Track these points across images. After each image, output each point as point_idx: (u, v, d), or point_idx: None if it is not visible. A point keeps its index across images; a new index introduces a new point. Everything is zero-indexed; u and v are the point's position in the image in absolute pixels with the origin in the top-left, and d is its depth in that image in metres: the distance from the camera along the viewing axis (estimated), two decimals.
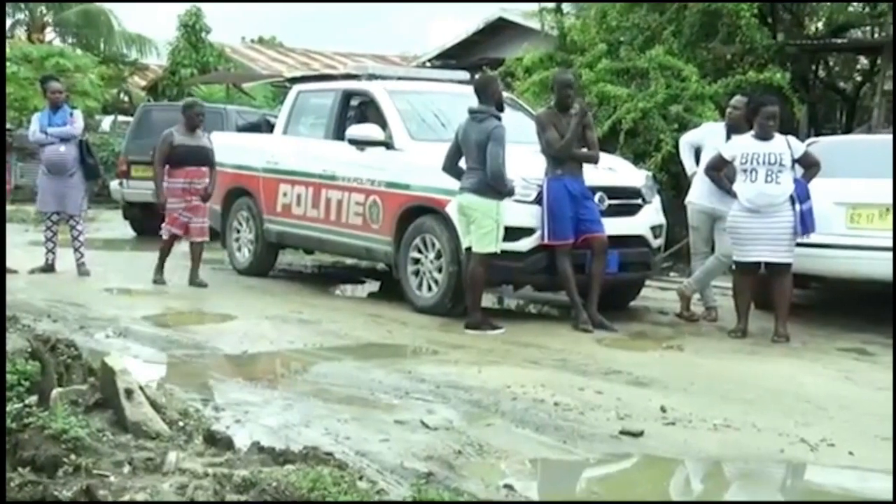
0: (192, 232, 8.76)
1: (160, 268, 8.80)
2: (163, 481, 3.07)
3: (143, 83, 26.47)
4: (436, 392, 5.23)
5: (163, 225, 8.81)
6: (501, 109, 7.10)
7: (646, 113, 10.44)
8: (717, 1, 11.05)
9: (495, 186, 6.89)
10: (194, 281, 8.69)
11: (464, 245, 7.11)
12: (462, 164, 7.10)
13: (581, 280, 7.19)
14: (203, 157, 8.71)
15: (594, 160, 7.39)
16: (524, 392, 5.24)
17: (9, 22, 24.71)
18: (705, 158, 7.62)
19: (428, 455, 4.11)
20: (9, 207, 10.96)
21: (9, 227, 10.53)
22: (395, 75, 9.45)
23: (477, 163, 6.94)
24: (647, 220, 7.78)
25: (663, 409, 4.95)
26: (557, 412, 4.89)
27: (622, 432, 4.57)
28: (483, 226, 6.90)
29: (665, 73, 10.75)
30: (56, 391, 3.71)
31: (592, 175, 7.40)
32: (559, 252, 7.15)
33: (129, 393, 3.61)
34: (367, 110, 8.74)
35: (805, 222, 6.87)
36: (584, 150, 7.32)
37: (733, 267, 7.25)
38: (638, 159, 10.12)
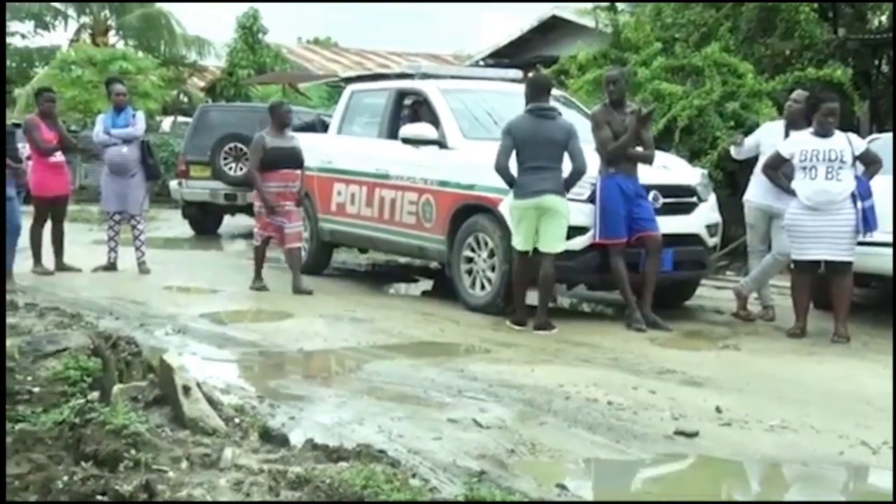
0: (288, 238, 8.41)
1: (258, 274, 8.48)
2: (219, 477, 3.13)
3: (202, 84, 26.86)
4: (488, 391, 5.24)
5: (255, 230, 8.57)
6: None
7: (701, 110, 10.32)
8: None
9: (575, 184, 6.92)
10: (299, 288, 8.31)
11: (523, 247, 6.96)
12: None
13: (635, 279, 7.14)
14: (296, 159, 8.43)
15: (649, 160, 7.33)
16: (577, 391, 5.22)
17: (74, 26, 25.27)
18: (763, 157, 7.52)
19: (480, 454, 4.12)
20: (73, 207, 11.18)
21: (73, 226, 10.78)
22: (448, 74, 9.47)
23: (553, 162, 6.88)
24: (703, 218, 7.70)
25: (718, 410, 4.90)
26: (611, 412, 4.86)
27: (676, 432, 4.53)
28: (562, 225, 6.89)
29: (721, 71, 10.62)
30: (117, 387, 3.79)
31: (646, 173, 7.34)
32: (612, 251, 7.11)
33: (186, 390, 3.68)
34: (421, 109, 8.77)
35: (867, 220, 6.75)
36: (640, 149, 7.27)
37: (791, 265, 7.14)
38: (693, 157, 10.02)
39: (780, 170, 7.18)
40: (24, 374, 3.78)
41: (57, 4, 24.64)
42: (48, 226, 9.17)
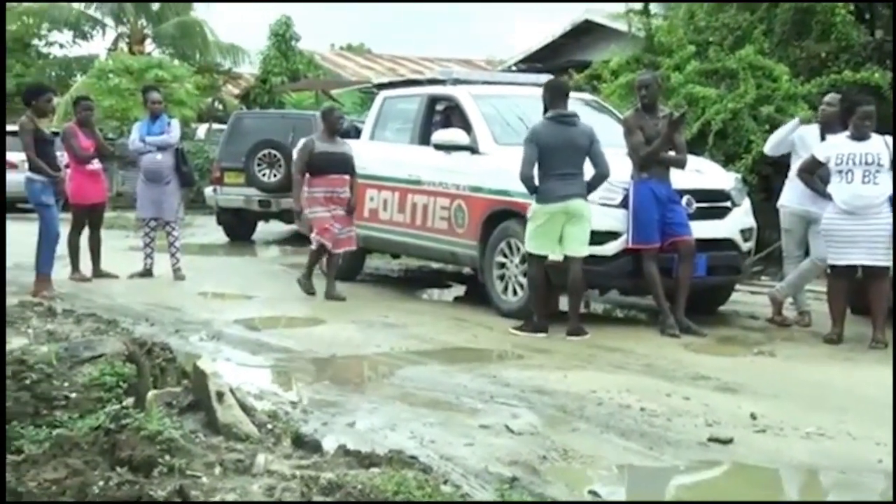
0: (341, 243, 8.44)
1: (309, 273, 8.47)
2: (252, 483, 3.15)
3: (237, 92, 27.09)
4: (520, 396, 5.23)
5: (311, 235, 8.44)
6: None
7: (736, 114, 10.24)
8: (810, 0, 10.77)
9: (598, 188, 6.95)
10: (332, 294, 8.29)
11: (538, 251, 6.94)
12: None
13: (668, 284, 7.09)
14: (345, 165, 8.41)
15: (682, 164, 7.29)
16: (609, 397, 5.20)
17: (111, 35, 25.59)
18: (797, 161, 7.45)
19: (512, 460, 4.12)
20: (110, 214, 11.33)
21: (110, 233, 10.91)
22: (479, 79, 9.48)
23: (576, 167, 6.88)
24: (737, 222, 7.64)
25: (753, 416, 4.86)
26: (643, 418, 4.84)
27: (710, 439, 4.50)
28: (586, 229, 6.89)
29: (756, 74, 10.52)
30: (151, 393, 3.83)
31: (679, 178, 7.30)
32: (645, 256, 7.08)
33: (220, 395, 3.71)
34: (452, 115, 8.79)
35: None
36: (672, 153, 7.23)
37: (828, 270, 7.06)
38: (728, 161, 9.93)
39: (815, 174, 7.10)
40: (61, 379, 3.83)
41: (95, 14, 24.96)
42: (86, 233, 9.29)
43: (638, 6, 12.52)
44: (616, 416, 4.88)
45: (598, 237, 7.09)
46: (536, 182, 6.89)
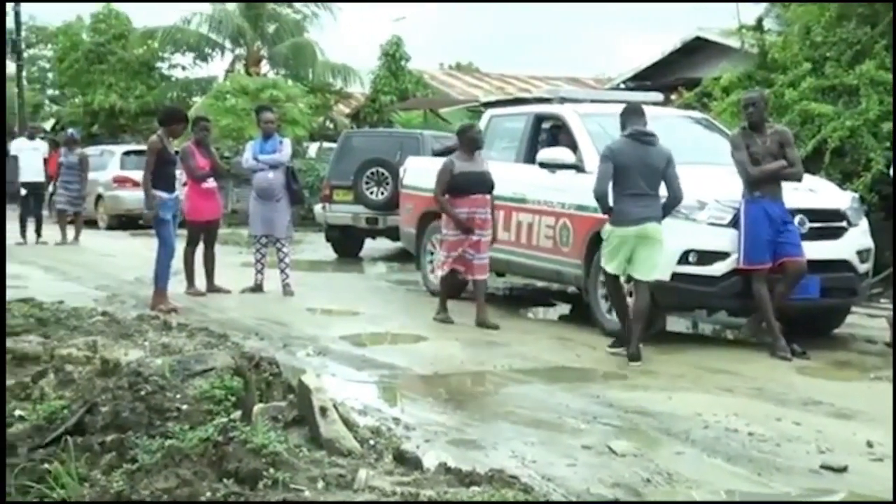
0: (476, 269, 8.06)
1: (443, 305, 8.15)
2: (353, 498, 3.19)
3: (347, 111, 27.61)
4: (624, 417, 5.17)
5: (438, 259, 8.24)
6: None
7: (854, 131, 9.91)
8: None
9: (671, 212, 6.79)
10: (485, 322, 7.91)
11: (615, 271, 6.83)
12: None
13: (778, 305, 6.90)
14: (486, 184, 8.04)
15: (797, 177, 7.10)
16: (716, 420, 5.09)
17: (229, 57, 26.44)
18: None
19: (615, 482, 4.07)
20: (225, 230, 11.68)
21: (224, 249, 11.24)
22: (586, 98, 9.44)
23: (652, 188, 6.70)
24: (853, 243, 7.39)
25: (870, 444, 4.69)
26: (752, 442, 4.72)
27: (823, 466, 4.36)
28: (658, 252, 6.73)
29: (877, 89, 10.16)
30: (258, 407, 3.93)
31: (792, 197, 7.11)
32: (755, 276, 6.91)
33: (323, 411, 3.78)
34: (559, 133, 8.77)
35: None
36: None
37: None
38: (845, 179, 9.62)
39: None
40: (173, 391, 3.96)
41: (216, 37, 25.85)
42: (200, 248, 9.59)
43: (751, 22, 12.27)
44: (723, 440, 4.77)
45: (706, 257, 6.99)
46: (611, 201, 6.77)
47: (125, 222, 17.62)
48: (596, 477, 4.11)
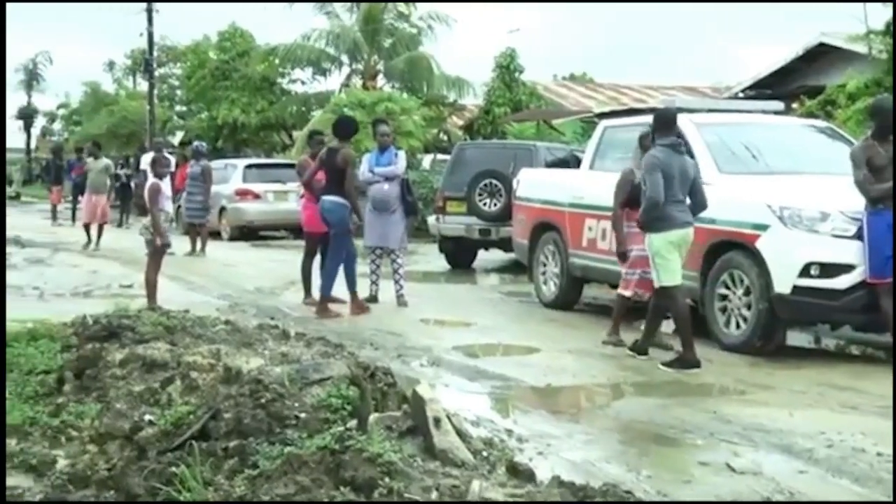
0: (644, 286, 7.47)
1: (615, 328, 7.56)
2: None
3: (461, 123, 27.81)
4: (742, 434, 5.05)
5: (624, 277, 7.65)
6: None
7: None
8: None
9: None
10: (661, 343, 7.33)
11: (677, 282, 6.86)
12: None
13: None
14: None
15: None
16: (841, 439, 4.92)
17: (346, 71, 26.98)
18: None
19: (733, 500, 3.98)
20: None
21: None
22: (703, 108, 9.27)
23: (685, 195, 6.90)
24: None
25: None
26: (880, 463, 4.55)
27: None
28: (684, 257, 6.89)
29: None
30: (373, 416, 3.99)
31: None
32: (882, 290, 6.66)
33: (437, 421, 3.81)
34: None
35: None
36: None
37: None
38: None
39: None
40: (292, 400, 4.06)
41: (333, 52, 26.42)
42: (317, 260, 9.79)
43: (880, 27, 11.85)
44: (849, 459, 4.61)
45: (829, 270, 6.77)
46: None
47: (246, 233, 18.16)
48: (713, 494, 4.03)
